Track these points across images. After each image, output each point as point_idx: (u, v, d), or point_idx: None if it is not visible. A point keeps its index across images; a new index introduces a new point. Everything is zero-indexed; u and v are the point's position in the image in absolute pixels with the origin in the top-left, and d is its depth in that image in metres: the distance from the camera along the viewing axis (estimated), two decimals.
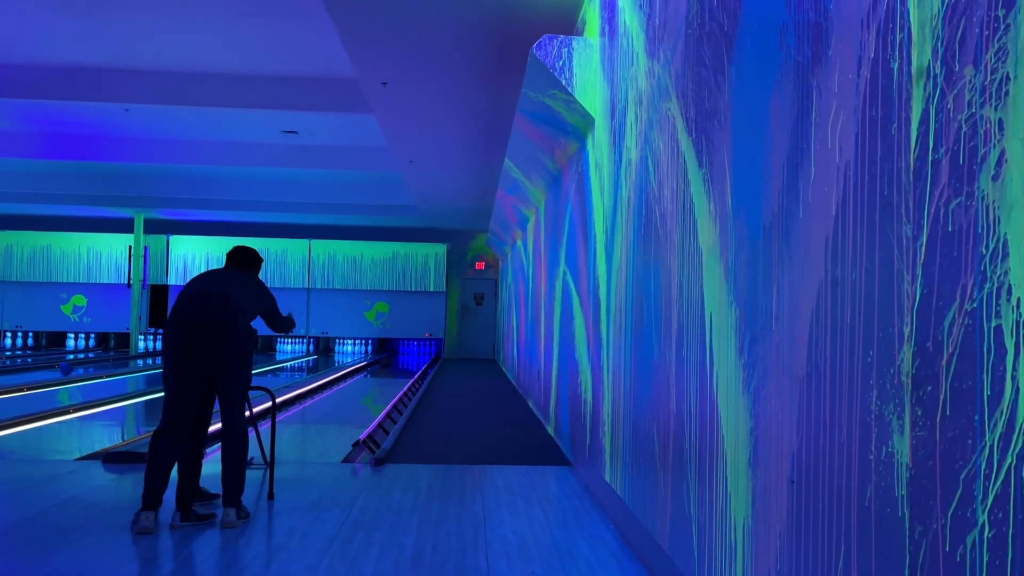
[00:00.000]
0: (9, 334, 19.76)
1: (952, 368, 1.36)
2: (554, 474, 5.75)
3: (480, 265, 20.73)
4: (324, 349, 20.39)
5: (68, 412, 8.56)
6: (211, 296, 4.30)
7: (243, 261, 4.75)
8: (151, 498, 4.00)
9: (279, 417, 7.53)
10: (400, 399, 9.91)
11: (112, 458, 5.65)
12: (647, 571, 3.50)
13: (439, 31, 6.09)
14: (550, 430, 7.73)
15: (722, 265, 2.64)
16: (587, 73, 5.33)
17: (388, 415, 8.33)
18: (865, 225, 1.70)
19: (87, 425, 7.91)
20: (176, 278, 19.66)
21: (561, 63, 5.30)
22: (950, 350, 1.36)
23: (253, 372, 4.62)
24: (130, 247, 19.09)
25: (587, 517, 4.52)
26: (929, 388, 1.42)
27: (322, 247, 19.82)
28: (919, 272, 1.47)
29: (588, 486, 5.23)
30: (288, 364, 16.66)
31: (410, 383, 12.28)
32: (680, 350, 3.11)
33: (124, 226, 19.29)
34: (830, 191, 1.86)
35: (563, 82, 5.31)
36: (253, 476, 5.24)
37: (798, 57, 2.07)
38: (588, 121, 5.48)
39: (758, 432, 2.27)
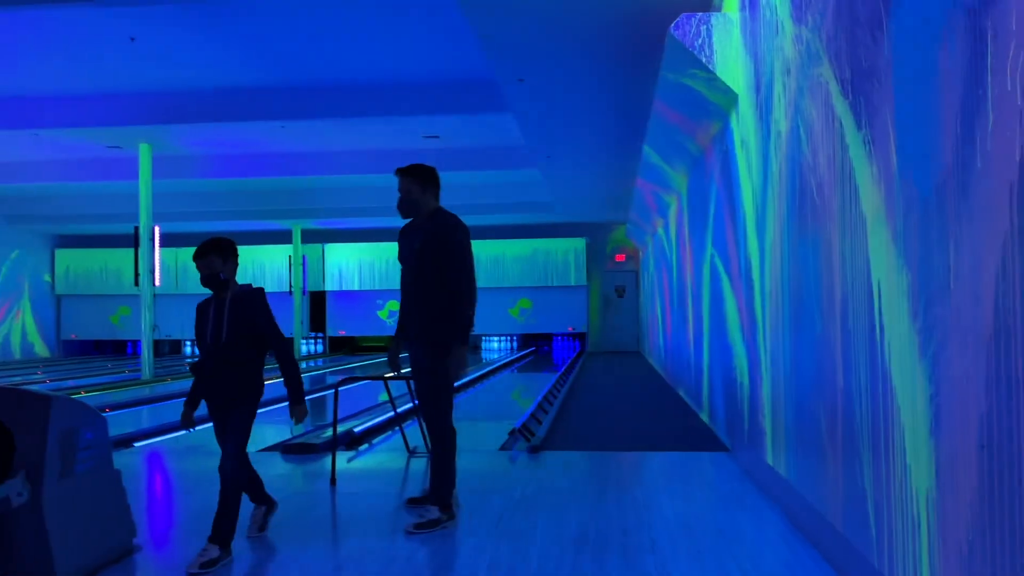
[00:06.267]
0: (189, 343, 21.57)
1: None
2: (711, 460, 5.66)
3: (620, 257, 20.62)
4: (472, 346, 20.91)
5: None
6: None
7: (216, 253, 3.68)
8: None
9: None
10: (549, 391, 10.03)
11: (290, 449, 6.07)
12: (819, 552, 3.40)
13: (572, 21, 6.13)
14: (704, 417, 7.60)
15: (889, 229, 2.53)
16: (728, 49, 5.22)
17: (539, 406, 8.46)
18: None
19: (263, 421, 8.49)
20: (332, 284, 20.75)
21: (700, 41, 5.22)
22: None
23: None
24: (289, 257, 20.33)
25: (750, 500, 4.43)
26: None
27: None
28: None
29: (748, 470, 5.12)
30: None
31: (557, 377, 12.40)
32: (845, 322, 3.00)
33: (284, 237, 20.56)
34: (1012, 136, 1.76)
35: (703, 60, 5.22)
36: (417, 464, 5.49)
37: (967, 1, 1.96)
38: (731, 98, 5.36)
39: (940, 399, 2.17)
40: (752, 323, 5.00)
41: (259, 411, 3.77)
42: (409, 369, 4.39)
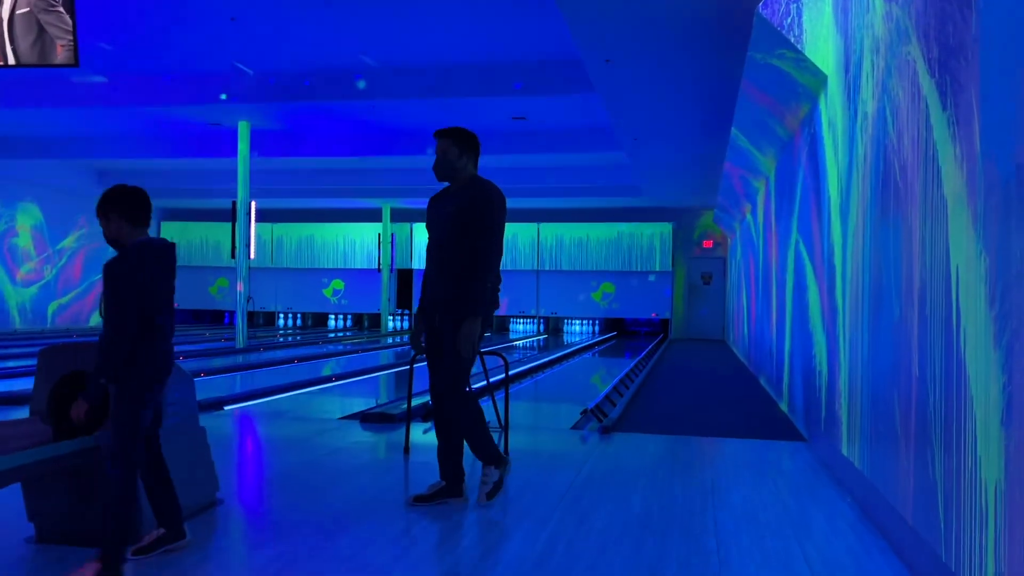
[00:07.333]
0: (282, 315, 22.44)
1: None
2: (787, 449, 5.56)
3: (708, 243, 20.25)
4: (553, 329, 21.00)
5: (330, 380, 9.60)
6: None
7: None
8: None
9: (512, 388, 7.93)
10: (627, 375, 10.00)
11: (368, 418, 6.29)
12: (888, 543, 3.32)
13: (660, 0, 6.05)
14: (783, 406, 7.45)
15: (969, 212, 2.44)
16: (818, 28, 5.06)
17: (615, 388, 8.46)
18: None
19: (346, 391, 8.82)
20: (419, 262, 21.14)
21: (789, 20, 5.07)
22: None
23: (483, 351, 4.27)
24: (379, 235, 20.82)
25: (823, 490, 4.34)
26: None
27: (550, 230, 20.37)
28: None
29: (824, 460, 5.01)
30: (520, 343, 17.36)
31: (636, 361, 12.34)
32: (923, 309, 2.91)
33: (374, 215, 21.06)
34: None
35: (792, 40, 5.08)
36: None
37: None
38: (820, 79, 5.20)
39: (1012, 388, 2.09)
40: (832, 310, 4.87)
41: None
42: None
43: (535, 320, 20.96)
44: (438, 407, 3.92)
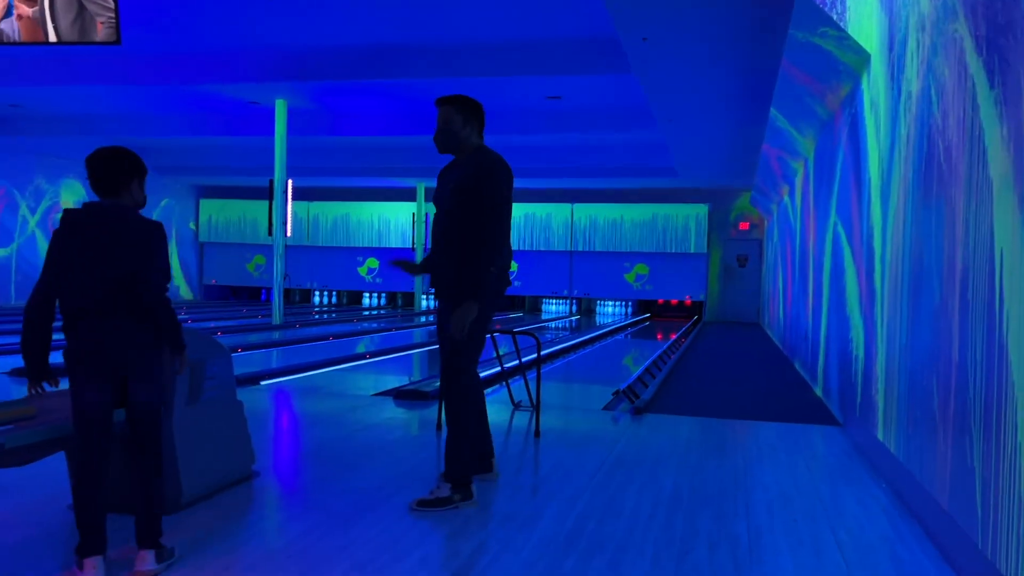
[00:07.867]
0: (317, 293, 22.69)
1: None
2: (821, 433, 5.51)
3: (744, 225, 20.00)
4: (586, 310, 20.96)
5: (364, 357, 9.70)
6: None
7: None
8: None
9: (544, 368, 7.94)
10: (660, 356, 9.96)
11: (401, 395, 6.35)
12: (922, 529, 3.28)
13: None
14: (818, 391, 7.37)
15: (1016, 194, 2.38)
16: (861, 5, 4.95)
17: (647, 370, 8.43)
18: None
19: (380, 368, 8.91)
20: None
21: None
22: None
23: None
24: (413, 214, 20.89)
25: (856, 475, 4.30)
26: None
27: (584, 211, 20.26)
28: None
29: (859, 445, 4.96)
30: (552, 323, 17.36)
31: (670, 343, 12.28)
32: (964, 293, 2.85)
33: (408, 195, 21.12)
34: None
35: (834, 18, 4.96)
36: (520, 418, 5.62)
37: None
38: (863, 58, 5.09)
39: None
40: (871, 294, 4.80)
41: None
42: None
43: (568, 301, 20.94)
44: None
